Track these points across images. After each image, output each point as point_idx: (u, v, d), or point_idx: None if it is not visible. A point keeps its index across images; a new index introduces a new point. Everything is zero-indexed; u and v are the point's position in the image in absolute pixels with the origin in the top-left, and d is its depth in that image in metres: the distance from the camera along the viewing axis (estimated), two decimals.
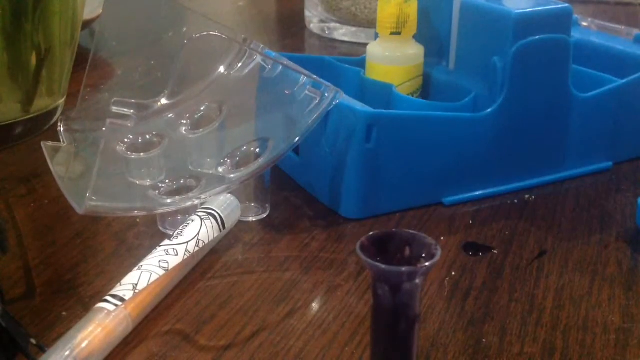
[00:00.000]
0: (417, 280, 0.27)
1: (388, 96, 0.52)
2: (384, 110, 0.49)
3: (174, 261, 0.38)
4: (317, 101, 0.44)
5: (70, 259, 0.42)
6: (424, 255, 0.28)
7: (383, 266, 0.27)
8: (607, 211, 0.49)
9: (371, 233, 0.28)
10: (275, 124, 0.48)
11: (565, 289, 0.40)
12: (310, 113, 0.44)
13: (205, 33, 0.49)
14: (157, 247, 0.39)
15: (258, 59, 0.50)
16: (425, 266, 0.27)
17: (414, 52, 0.54)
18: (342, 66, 0.57)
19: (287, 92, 0.47)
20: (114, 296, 0.35)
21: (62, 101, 0.62)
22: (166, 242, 0.39)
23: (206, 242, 0.40)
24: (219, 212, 0.42)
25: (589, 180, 0.53)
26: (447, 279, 0.41)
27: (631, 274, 0.41)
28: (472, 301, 0.39)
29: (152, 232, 0.45)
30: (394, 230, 0.29)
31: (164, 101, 0.51)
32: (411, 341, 0.29)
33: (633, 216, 0.47)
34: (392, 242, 0.28)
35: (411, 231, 0.28)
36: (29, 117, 0.59)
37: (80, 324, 0.33)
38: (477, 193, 0.50)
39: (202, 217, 0.41)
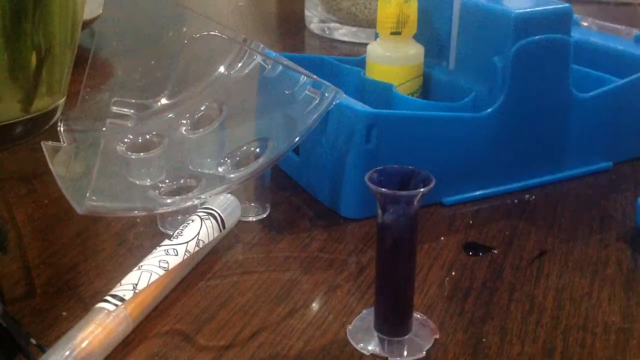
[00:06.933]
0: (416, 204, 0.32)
1: (388, 96, 0.52)
2: (384, 110, 0.48)
3: (174, 261, 0.38)
4: (317, 101, 0.44)
5: (70, 259, 0.42)
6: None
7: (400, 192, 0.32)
8: (607, 211, 0.49)
9: (379, 168, 0.33)
10: (275, 124, 0.48)
11: (565, 289, 0.40)
12: (310, 113, 0.44)
13: (205, 33, 0.49)
14: (157, 247, 0.39)
15: (258, 59, 0.50)
16: (427, 188, 0.32)
17: (414, 52, 0.54)
18: (342, 66, 0.57)
19: (287, 92, 0.47)
20: (114, 296, 0.35)
21: (62, 101, 0.62)
22: (166, 242, 0.39)
23: (206, 242, 0.40)
24: (219, 212, 0.42)
25: (589, 180, 0.53)
26: (447, 279, 0.41)
27: (631, 274, 0.41)
28: (472, 301, 0.39)
29: (152, 232, 0.45)
30: (395, 166, 0.33)
31: (164, 101, 0.51)
32: (415, 263, 0.35)
33: (633, 216, 0.47)
34: (395, 176, 0.33)
35: (411, 167, 0.33)
36: (29, 117, 0.59)
37: (80, 324, 0.33)
38: (477, 193, 0.50)
39: (202, 217, 0.41)
